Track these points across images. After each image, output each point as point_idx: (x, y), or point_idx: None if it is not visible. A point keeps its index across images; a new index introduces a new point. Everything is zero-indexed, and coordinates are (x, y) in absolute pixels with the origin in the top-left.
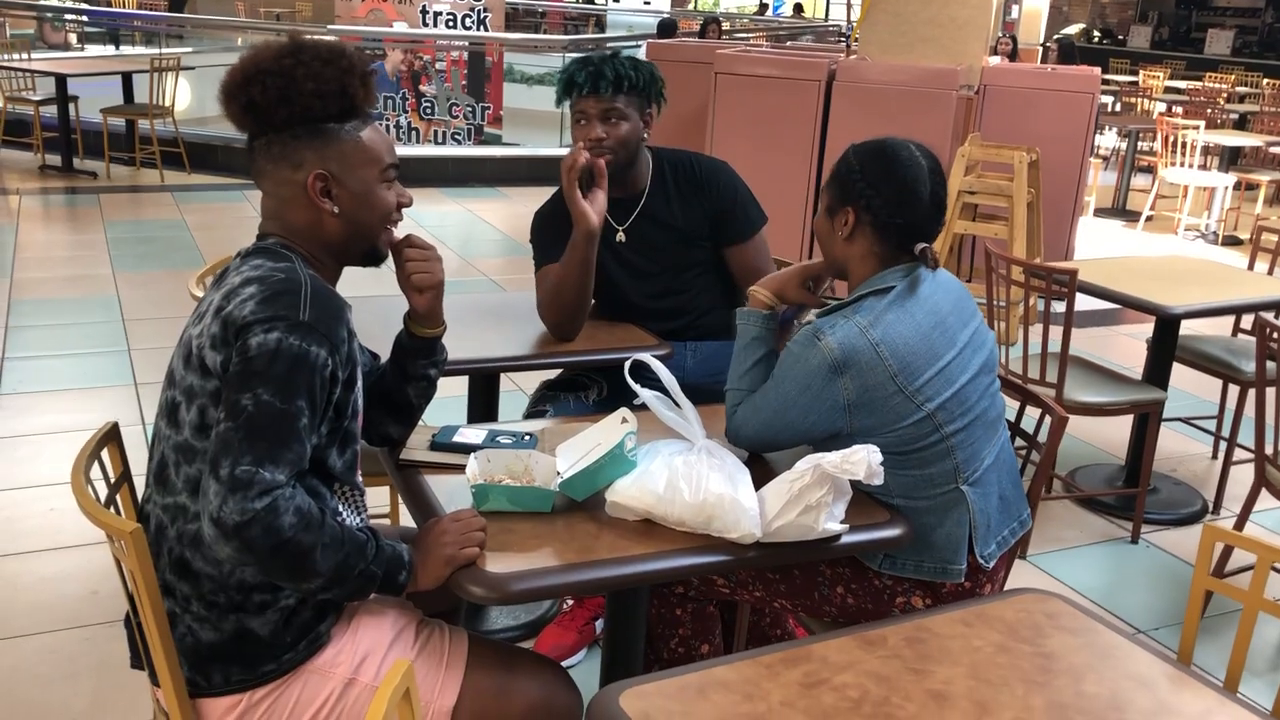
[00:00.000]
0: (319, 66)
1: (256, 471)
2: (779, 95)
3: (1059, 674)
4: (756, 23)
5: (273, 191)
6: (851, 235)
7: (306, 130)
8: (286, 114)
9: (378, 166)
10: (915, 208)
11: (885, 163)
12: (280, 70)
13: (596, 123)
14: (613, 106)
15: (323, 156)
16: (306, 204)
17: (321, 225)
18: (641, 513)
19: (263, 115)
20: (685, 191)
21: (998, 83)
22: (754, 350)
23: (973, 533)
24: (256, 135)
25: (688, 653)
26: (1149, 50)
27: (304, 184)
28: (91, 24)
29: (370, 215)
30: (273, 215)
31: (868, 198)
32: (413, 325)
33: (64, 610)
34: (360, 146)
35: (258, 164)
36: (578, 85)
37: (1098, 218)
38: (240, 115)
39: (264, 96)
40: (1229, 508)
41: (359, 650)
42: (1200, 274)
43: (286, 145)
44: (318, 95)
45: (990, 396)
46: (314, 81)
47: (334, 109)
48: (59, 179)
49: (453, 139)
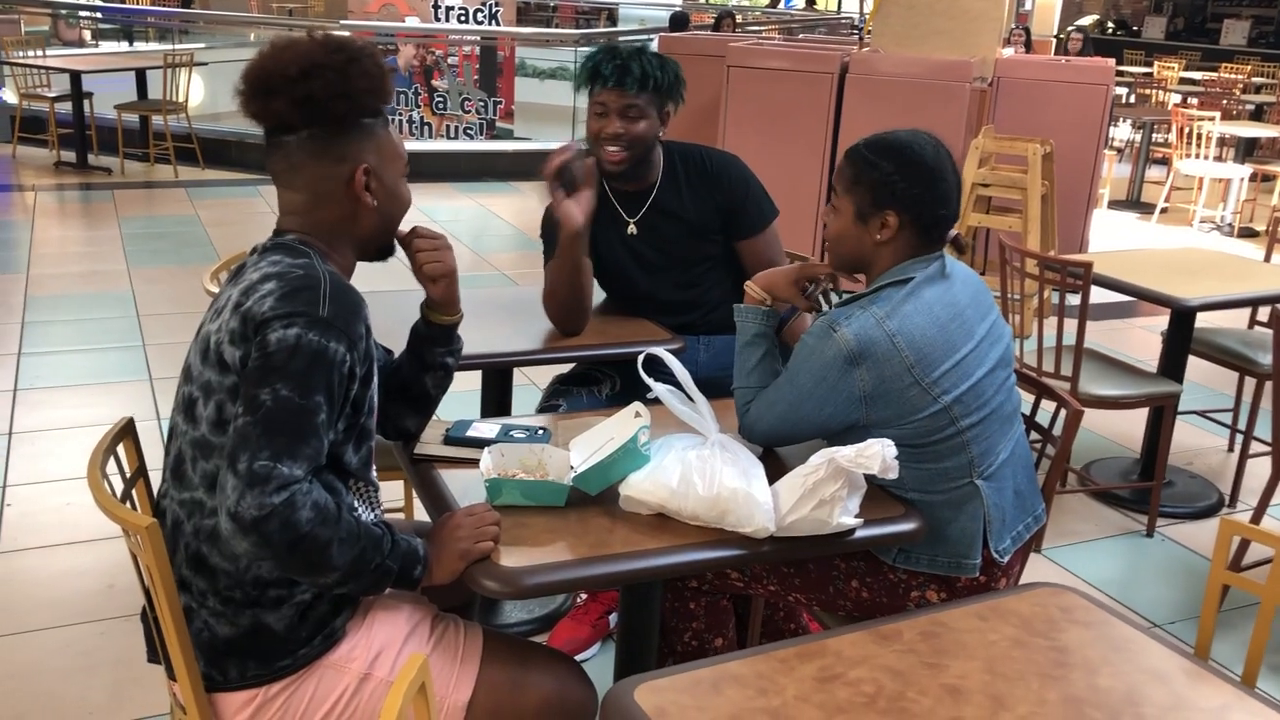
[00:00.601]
0: (369, 64)
1: (274, 466)
2: (792, 88)
3: (1074, 668)
4: (769, 15)
5: (308, 186)
6: (893, 237)
7: (353, 125)
8: (345, 109)
9: (402, 161)
10: (951, 197)
11: (913, 160)
12: (336, 66)
13: (615, 117)
14: (634, 103)
15: (364, 150)
16: (345, 197)
17: (357, 219)
18: (655, 507)
19: (319, 109)
20: (696, 184)
21: (1011, 75)
22: (756, 347)
23: (987, 527)
24: (297, 130)
25: (701, 647)
26: (1164, 41)
27: (347, 178)
28: (105, 20)
29: (398, 209)
30: (301, 210)
31: (912, 198)
32: (430, 313)
33: (80, 604)
34: (392, 142)
35: (293, 159)
36: (603, 77)
37: (1112, 210)
38: (292, 109)
39: (325, 91)
40: (1245, 501)
41: (374, 645)
42: (1215, 266)
43: (333, 140)
44: (370, 92)
45: (1007, 391)
46: (366, 79)
47: (376, 106)
48: (74, 175)
49: (465, 134)
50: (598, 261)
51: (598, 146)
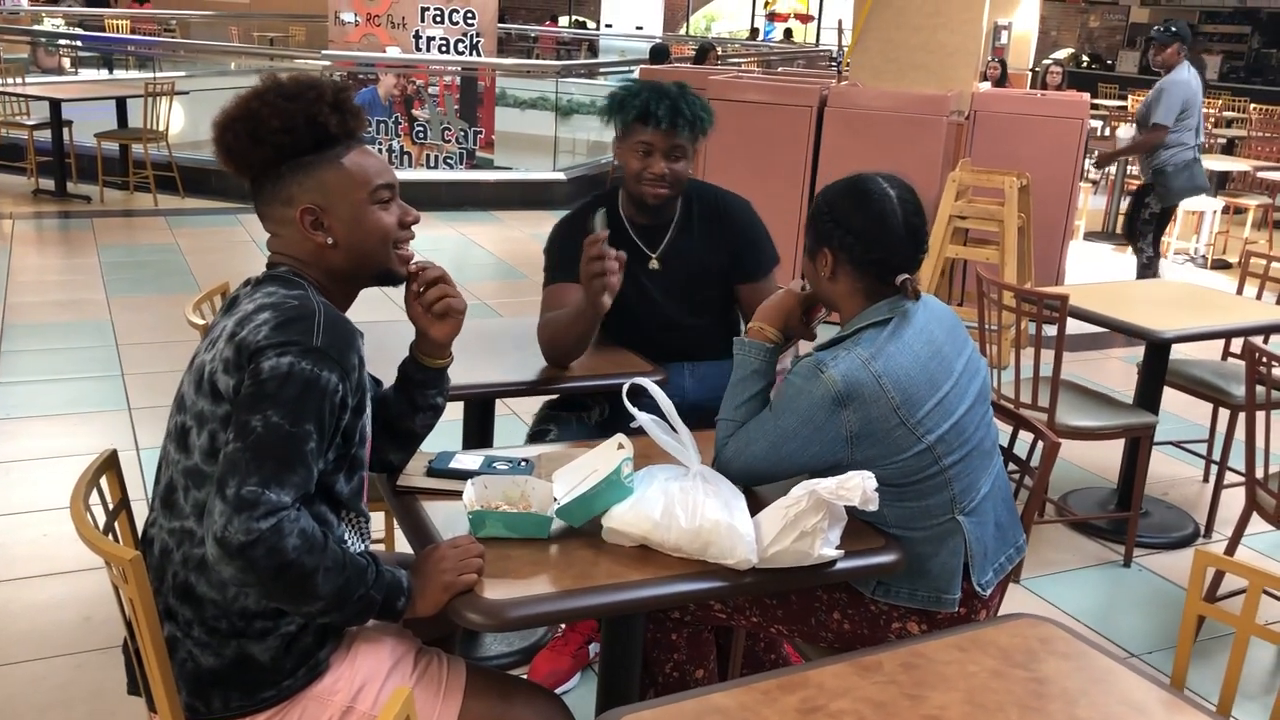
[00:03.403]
0: (283, 103)
1: (262, 492)
2: (771, 120)
3: (1053, 699)
4: (748, 48)
5: (275, 230)
6: (833, 275)
7: (288, 166)
8: (261, 155)
9: (365, 189)
10: (887, 240)
11: (853, 199)
12: (246, 114)
13: (661, 158)
14: (680, 144)
15: (306, 189)
16: (304, 237)
17: (323, 257)
18: (638, 539)
19: (241, 160)
20: (710, 223)
21: (988, 108)
22: (753, 383)
23: (969, 561)
24: (248, 179)
25: (682, 678)
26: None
27: (296, 219)
28: (85, 49)
29: (368, 239)
30: (279, 249)
31: (839, 236)
32: (424, 358)
33: (57, 637)
34: (343, 173)
35: (257, 206)
36: (655, 118)
37: (1088, 241)
38: (226, 161)
39: (237, 142)
40: (1220, 531)
41: (357, 678)
42: (1190, 298)
43: (275, 184)
44: (285, 130)
45: (986, 425)
46: (279, 119)
47: (308, 141)
48: (53, 203)
49: (445, 163)
50: (619, 298)
51: (638, 184)
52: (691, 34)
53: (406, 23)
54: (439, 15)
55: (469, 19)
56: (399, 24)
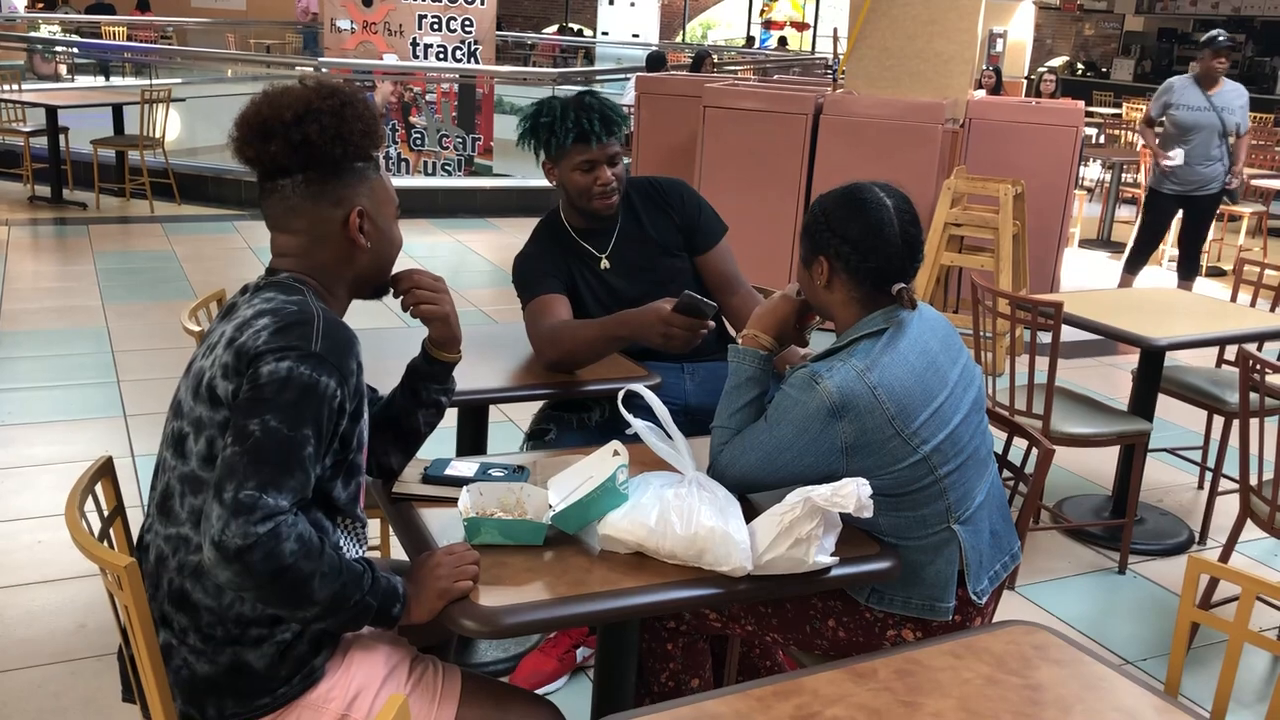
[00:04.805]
0: (363, 109)
1: (260, 496)
2: (767, 129)
3: (1047, 706)
4: (744, 55)
5: (305, 229)
6: (829, 284)
7: (348, 169)
8: (341, 152)
9: (394, 205)
10: (883, 249)
11: (849, 208)
12: (332, 110)
13: (604, 167)
14: (616, 150)
15: (359, 193)
16: (340, 239)
17: (351, 260)
18: (633, 546)
19: (315, 152)
20: (652, 208)
21: (983, 116)
22: (748, 390)
23: (965, 570)
24: (293, 173)
25: (678, 687)
26: (1132, 83)
27: (343, 220)
28: (82, 55)
29: (391, 250)
30: (296, 252)
31: (834, 245)
32: (433, 349)
33: (51, 644)
34: (382, 184)
35: (290, 202)
36: (594, 134)
37: (1083, 249)
38: (289, 153)
39: (321, 135)
40: (1215, 538)
41: (352, 685)
42: (1184, 305)
43: (328, 183)
44: (365, 135)
45: (981, 434)
46: (361, 123)
47: (369, 150)
48: (48, 210)
49: (443, 170)
50: (579, 304)
51: (588, 200)
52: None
53: (404, 30)
54: (436, 22)
55: (467, 26)
56: (395, 31)
